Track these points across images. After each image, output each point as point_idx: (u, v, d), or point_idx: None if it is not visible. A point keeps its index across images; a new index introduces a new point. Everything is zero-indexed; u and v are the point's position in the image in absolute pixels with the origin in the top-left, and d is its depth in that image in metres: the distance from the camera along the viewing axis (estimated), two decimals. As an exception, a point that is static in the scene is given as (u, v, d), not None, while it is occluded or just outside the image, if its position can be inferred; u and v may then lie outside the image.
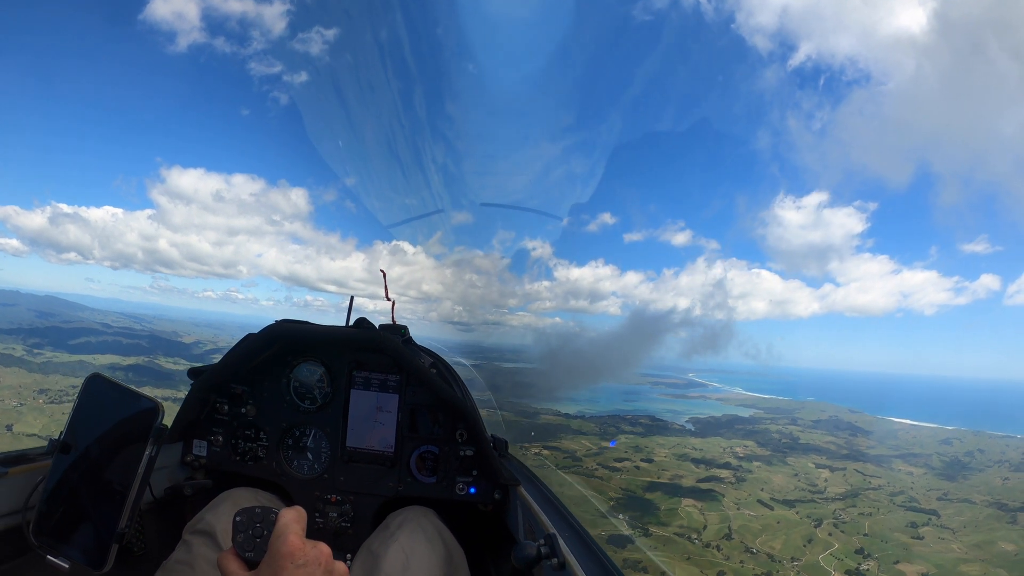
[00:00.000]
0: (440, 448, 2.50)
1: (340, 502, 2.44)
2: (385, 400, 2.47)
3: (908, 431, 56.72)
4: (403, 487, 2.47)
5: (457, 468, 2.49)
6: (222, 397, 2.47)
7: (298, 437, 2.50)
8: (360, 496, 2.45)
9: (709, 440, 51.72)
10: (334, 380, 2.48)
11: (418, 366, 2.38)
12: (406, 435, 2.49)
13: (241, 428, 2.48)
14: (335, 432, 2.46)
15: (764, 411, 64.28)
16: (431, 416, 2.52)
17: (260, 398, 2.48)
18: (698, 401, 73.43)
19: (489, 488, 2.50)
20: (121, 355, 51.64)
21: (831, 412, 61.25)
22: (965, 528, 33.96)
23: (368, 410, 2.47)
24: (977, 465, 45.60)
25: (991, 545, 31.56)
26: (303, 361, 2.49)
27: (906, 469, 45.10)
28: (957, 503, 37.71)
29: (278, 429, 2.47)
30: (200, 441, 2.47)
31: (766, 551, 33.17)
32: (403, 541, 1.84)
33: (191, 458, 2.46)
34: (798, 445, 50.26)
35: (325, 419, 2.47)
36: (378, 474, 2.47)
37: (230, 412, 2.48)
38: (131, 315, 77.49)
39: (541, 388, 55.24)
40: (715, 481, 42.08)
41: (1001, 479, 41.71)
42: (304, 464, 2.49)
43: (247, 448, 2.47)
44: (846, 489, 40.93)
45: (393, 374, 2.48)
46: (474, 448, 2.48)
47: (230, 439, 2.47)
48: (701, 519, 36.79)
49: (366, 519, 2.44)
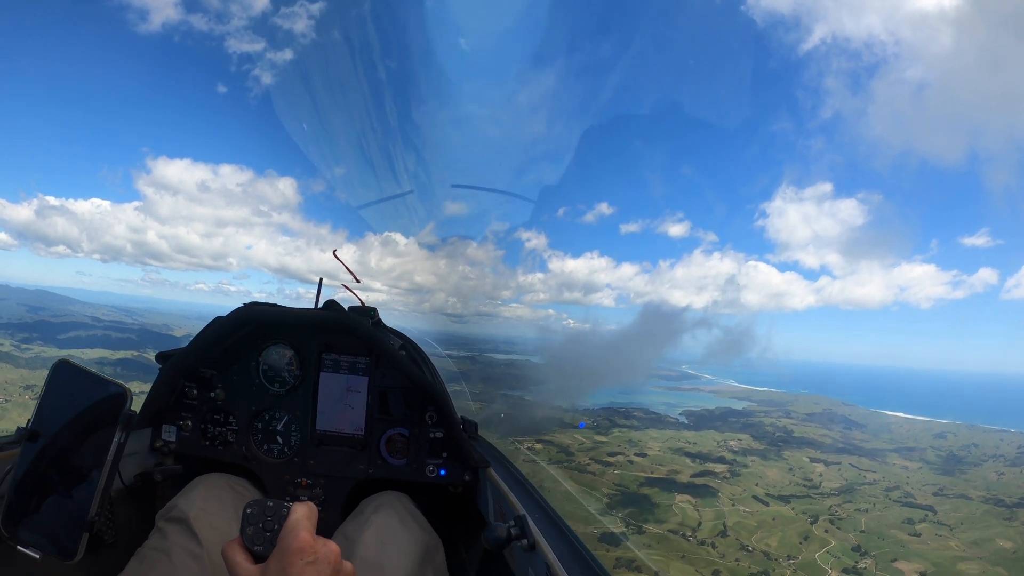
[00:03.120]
0: (410, 430, 2.49)
1: (311, 486, 2.43)
2: (355, 382, 2.47)
3: (902, 424, 56.96)
4: (373, 470, 2.46)
5: (427, 450, 2.48)
6: (191, 382, 2.45)
7: (268, 421, 2.47)
8: (331, 479, 2.44)
9: (703, 433, 51.68)
10: (303, 363, 2.46)
11: (387, 348, 2.37)
12: (376, 417, 2.48)
13: (210, 413, 2.46)
14: (305, 415, 2.45)
15: (758, 404, 64.40)
16: (401, 398, 2.50)
17: (229, 382, 2.47)
18: (691, 393, 73.46)
19: (459, 470, 2.48)
20: (110, 349, 50.52)
21: (825, 405, 61.40)
22: (962, 525, 33.83)
23: (338, 393, 2.47)
24: (973, 460, 45.71)
25: (989, 542, 31.41)
26: (272, 344, 2.47)
27: (901, 463, 45.12)
28: (953, 498, 37.65)
29: (248, 413, 2.45)
30: (169, 426, 2.44)
31: (762, 549, 32.94)
32: (378, 526, 1.86)
33: (160, 444, 2.43)
34: (792, 439, 50.27)
35: (295, 402, 2.46)
36: (348, 457, 2.46)
37: (199, 397, 2.46)
38: (122, 308, 76.97)
39: (545, 395, 54.75)
40: (710, 476, 41.92)
41: (996, 474, 41.78)
42: (274, 448, 2.46)
43: (217, 433, 2.45)
44: (841, 484, 40.88)
45: (362, 356, 2.48)
46: (444, 430, 2.47)
47: (199, 424, 2.45)
48: (696, 515, 36.54)
49: (337, 502, 2.43)
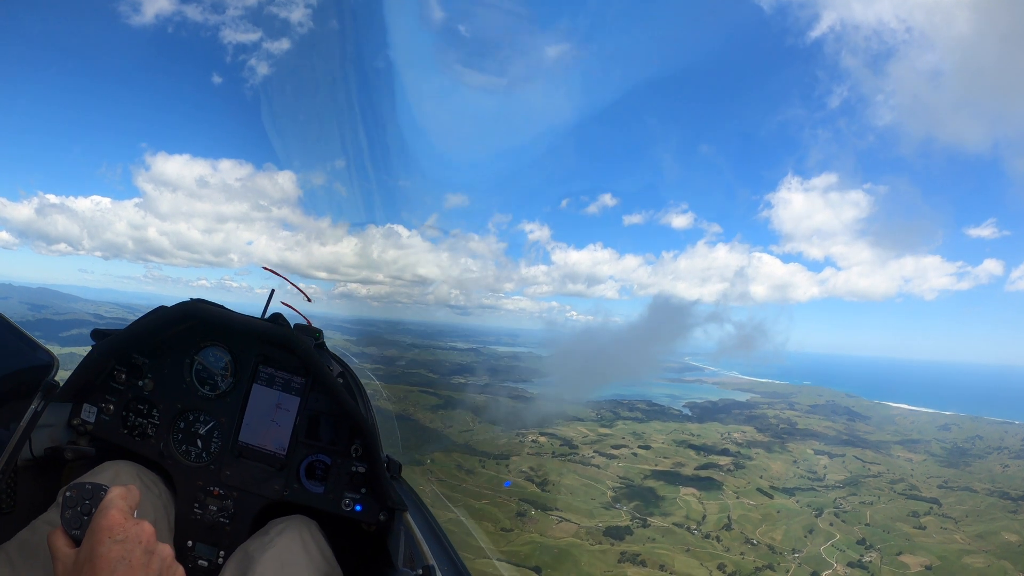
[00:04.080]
0: (333, 459, 2.43)
1: (223, 496, 2.33)
2: (286, 400, 2.41)
3: (906, 416, 57.00)
4: (289, 492, 2.39)
5: (347, 483, 2.42)
6: (121, 365, 2.37)
7: (191, 422, 2.39)
8: (244, 494, 2.35)
9: (707, 425, 51.74)
10: (238, 370, 2.41)
11: (325, 372, 2.31)
12: (301, 440, 2.41)
13: (135, 401, 2.38)
14: (230, 424, 2.38)
15: (761, 395, 64.45)
16: (330, 425, 2.45)
17: (160, 374, 2.39)
18: (695, 385, 73.55)
19: (376, 508, 2.43)
20: None
21: (828, 396, 61.42)
22: (967, 517, 33.88)
23: (267, 408, 2.40)
24: (977, 452, 45.73)
25: (994, 536, 31.45)
26: (211, 345, 2.42)
27: (905, 456, 45.16)
28: (958, 491, 37.70)
29: (172, 410, 2.38)
30: (91, 406, 2.35)
31: (766, 542, 33.03)
32: (280, 549, 1.83)
33: (78, 422, 2.33)
34: (796, 431, 50.31)
35: (222, 408, 2.39)
36: (266, 474, 2.38)
37: (127, 382, 2.37)
38: (125, 305, 78.81)
39: (550, 388, 54.66)
40: (714, 468, 41.97)
41: (1001, 466, 41.81)
42: (192, 451, 2.38)
43: (137, 423, 2.37)
44: (846, 476, 40.92)
45: (299, 376, 2.43)
46: (367, 465, 2.42)
47: (121, 410, 2.36)
48: (700, 508, 36.63)
49: (246, 518, 2.33)
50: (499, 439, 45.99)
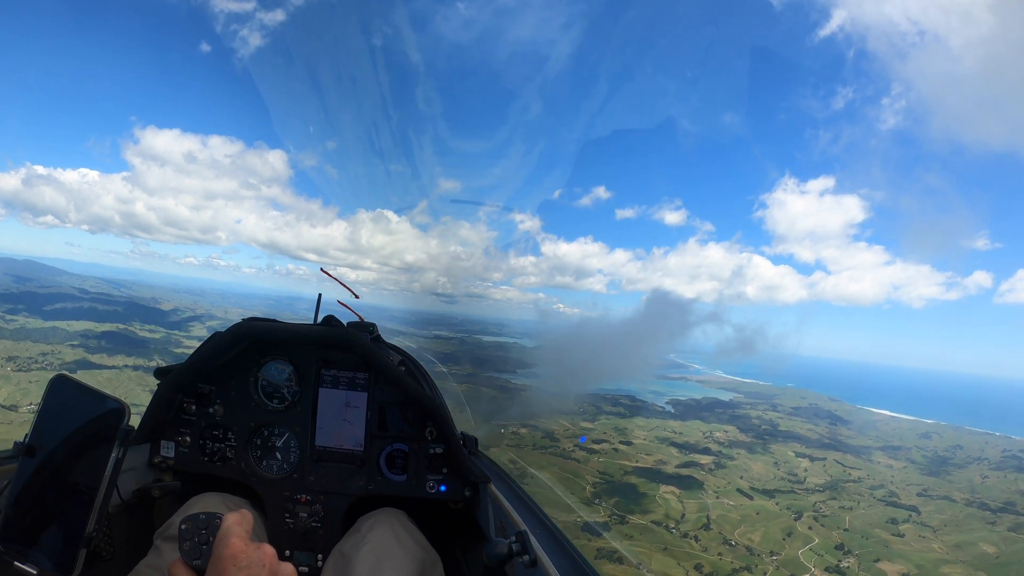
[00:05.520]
0: (410, 446, 2.46)
1: (310, 502, 2.38)
2: (354, 398, 2.45)
3: (888, 422, 57.25)
4: (373, 486, 2.43)
5: (427, 466, 2.45)
6: (189, 397, 2.43)
7: (267, 437, 2.44)
8: (330, 495, 2.40)
9: (689, 423, 51.50)
10: (302, 379, 2.44)
11: (386, 363, 2.34)
12: (375, 433, 2.45)
13: (209, 428, 2.43)
14: (304, 431, 2.42)
15: (744, 395, 64.39)
16: (400, 414, 2.47)
17: (228, 397, 2.44)
18: (679, 382, 73.41)
19: (459, 486, 2.45)
20: (96, 321, 50.77)
21: (811, 399, 61.48)
22: (946, 527, 33.83)
23: (337, 408, 2.45)
24: (958, 461, 45.92)
25: (972, 546, 31.41)
26: (271, 360, 2.45)
27: (886, 462, 45.20)
28: (937, 500, 37.70)
29: (246, 429, 2.42)
30: (167, 442, 2.41)
31: (745, 543, 32.71)
32: (374, 543, 1.86)
33: (159, 459, 2.40)
34: (778, 432, 50.21)
35: (294, 418, 2.44)
36: (348, 473, 2.42)
37: (197, 412, 2.43)
38: (110, 280, 77.80)
39: (535, 379, 53.92)
40: (695, 467, 41.66)
41: (981, 477, 41.95)
42: (273, 464, 2.42)
43: (215, 448, 2.41)
44: (826, 480, 40.80)
45: (361, 372, 2.46)
46: (443, 446, 2.44)
47: (198, 439, 2.42)
48: (680, 507, 36.25)
49: (336, 519, 2.39)
50: (479, 430, 45.37)
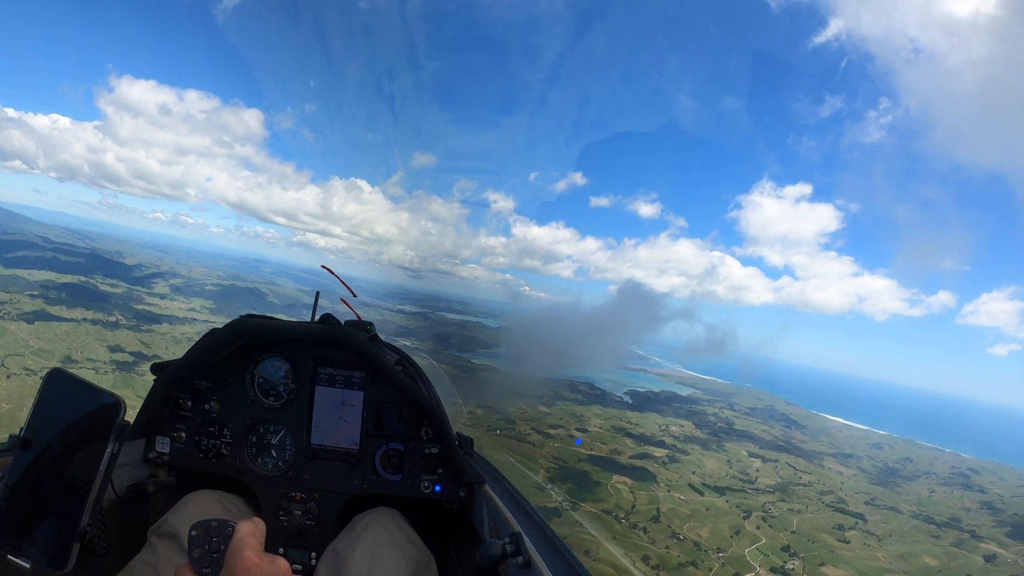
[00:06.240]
0: (405, 445, 2.44)
1: (305, 500, 2.36)
2: (350, 396, 2.43)
3: (840, 430, 58.00)
4: (368, 485, 2.41)
5: (422, 466, 2.44)
6: (185, 393, 2.41)
7: (262, 434, 2.42)
8: (325, 494, 2.38)
9: (646, 415, 50.98)
10: (299, 376, 2.42)
11: (383, 363, 2.33)
12: (371, 432, 2.43)
13: (204, 425, 2.40)
14: (300, 429, 2.40)
15: (703, 392, 64.40)
16: (396, 413, 2.45)
17: (224, 394, 2.42)
18: (638, 374, 73.25)
19: (454, 486, 2.44)
20: (57, 272, 49.03)
21: (768, 401, 61.88)
22: (891, 537, 33.92)
23: (333, 407, 2.42)
24: (907, 474, 46.63)
25: (915, 558, 31.48)
26: (267, 357, 2.43)
27: (837, 468, 45.52)
28: (884, 510, 37.93)
29: (242, 426, 2.40)
30: (163, 438, 2.40)
31: (693, 538, 32.09)
32: (369, 543, 1.85)
33: (154, 455, 2.39)
34: (733, 431, 50.13)
35: (290, 416, 2.41)
36: (343, 471, 2.41)
37: (193, 408, 2.41)
38: (75, 231, 75.43)
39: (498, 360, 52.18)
40: (649, 459, 40.98)
41: (928, 491, 42.56)
42: (268, 461, 2.40)
43: (210, 445, 2.40)
44: (777, 481, 40.68)
45: (358, 371, 2.44)
46: (439, 446, 2.43)
47: (193, 436, 2.40)
48: (631, 498, 35.44)
49: (331, 517, 2.37)
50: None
